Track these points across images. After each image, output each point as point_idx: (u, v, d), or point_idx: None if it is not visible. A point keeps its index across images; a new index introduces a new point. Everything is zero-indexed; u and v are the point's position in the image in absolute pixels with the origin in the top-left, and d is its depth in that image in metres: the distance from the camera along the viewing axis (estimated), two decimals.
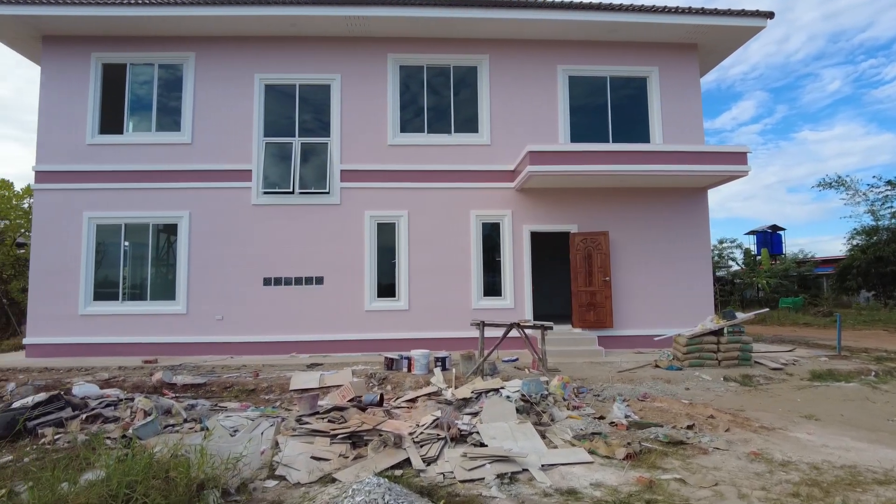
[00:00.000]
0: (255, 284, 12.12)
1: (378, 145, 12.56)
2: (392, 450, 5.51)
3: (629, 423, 6.56)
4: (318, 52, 12.65)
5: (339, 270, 12.24)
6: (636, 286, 12.38)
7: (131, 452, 4.66)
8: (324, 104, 12.72)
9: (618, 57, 13.00)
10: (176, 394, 8.47)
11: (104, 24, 12.03)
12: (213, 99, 12.52)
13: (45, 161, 12.25)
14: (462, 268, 12.33)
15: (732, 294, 27.10)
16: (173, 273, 12.24)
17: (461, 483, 4.87)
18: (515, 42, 12.86)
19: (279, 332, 11.99)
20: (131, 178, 12.24)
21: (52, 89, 12.43)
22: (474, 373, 8.72)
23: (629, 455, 5.35)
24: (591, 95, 13.08)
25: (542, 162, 11.14)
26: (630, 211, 12.58)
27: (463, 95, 12.90)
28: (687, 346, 10.04)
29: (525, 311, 12.19)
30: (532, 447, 5.64)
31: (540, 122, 12.74)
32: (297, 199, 12.34)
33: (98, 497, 3.89)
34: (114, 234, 12.28)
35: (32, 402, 6.86)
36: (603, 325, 12.06)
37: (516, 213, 12.47)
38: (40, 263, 12.07)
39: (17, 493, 4.30)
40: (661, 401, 7.72)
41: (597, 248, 12.19)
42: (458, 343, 11.65)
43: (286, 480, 5.02)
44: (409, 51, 12.72)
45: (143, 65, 12.67)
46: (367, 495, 4.07)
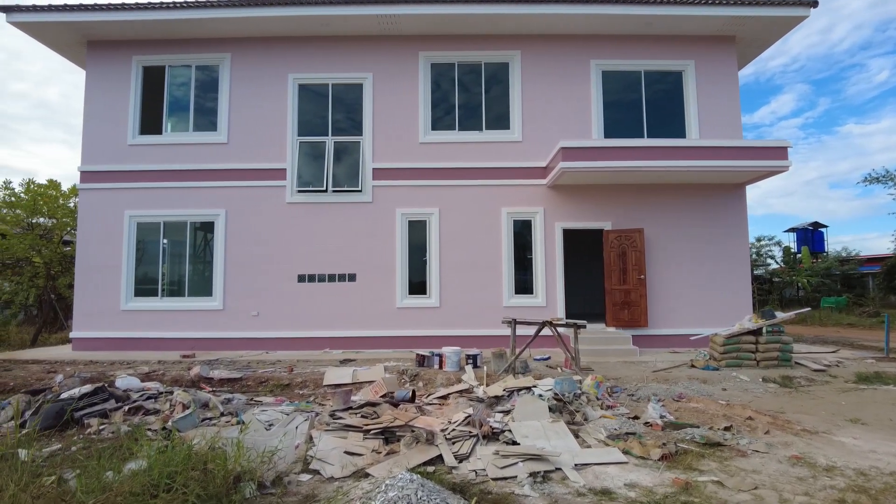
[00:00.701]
0: (290, 281, 12.31)
1: (409, 143, 12.60)
2: (424, 446, 5.53)
3: (664, 423, 6.44)
4: (350, 51, 12.76)
5: (371, 268, 12.35)
6: (672, 284, 12.15)
7: (171, 444, 4.79)
8: (356, 103, 12.82)
9: (652, 51, 12.75)
10: (213, 388, 8.67)
11: (145, 28, 12.37)
12: (248, 99, 12.75)
13: (89, 161, 12.69)
14: (493, 265, 12.29)
15: (771, 293, 26.35)
16: (210, 270, 12.53)
17: (493, 481, 4.85)
18: (548, 37, 12.74)
19: (313, 328, 12.16)
20: (170, 178, 12.57)
21: (96, 92, 12.86)
22: (506, 371, 8.69)
23: (665, 456, 5.25)
24: (625, 90, 12.87)
25: (575, 158, 11.01)
26: (665, 207, 12.34)
27: (494, 92, 12.84)
28: (724, 346, 9.80)
29: (557, 309, 12.09)
30: (565, 446, 5.59)
31: (573, 117, 12.59)
32: (331, 198, 12.48)
33: (141, 486, 4.00)
34: (153, 232, 12.63)
35: (79, 393, 7.12)
36: (637, 323, 11.88)
37: (548, 211, 12.36)
38: (85, 260, 12.51)
39: (65, 480, 4.46)
40: (698, 401, 7.56)
41: (631, 246, 11.99)
42: (489, 341, 11.63)
43: (320, 474, 5.08)
44: (441, 48, 12.73)
45: (181, 66, 12.99)
46: (399, 491, 4.08)
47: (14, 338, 16.51)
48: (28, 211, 17.38)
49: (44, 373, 9.58)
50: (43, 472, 4.73)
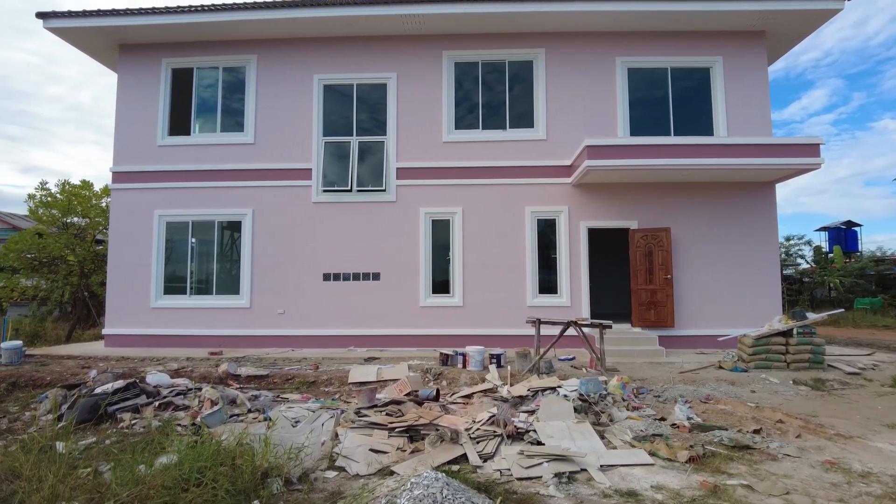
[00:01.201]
0: (315, 280, 12.45)
1: (433, 142, 12.63)
2: (449, 445, 5.54)
3: (692, 425, 6.35)
4: (374, 51, 12.83)
5: (394, 267, 12.41)
6: (699, 284, 11.95)
7: (200, 439, 4.88)
8: (380, 103, 12.89)
9: (679, 47, 12.55)
10: (240, 385, 8.81)
11: (174, 31, 12.61)
12: (274, 100, 12.92)
13: (120, 162, 12.99)
14: (517, 265, 12.24)
15: (801, 293, 25.72)
16: (237, 268, 12.73)
17: (518, 481, 4.85)
18: (573, 35, 12.64)
19: (338, 326, 12.27)
20: (198, 178, 12.80)
21: (127, 94, 13.16)
22: (530, 371, 8.65)
23: (692, 458, 5.18)
24: (650, 87, 12.70)
25: (600, 156, 10.91)
26: (693, 206, 12.15)
27: (518, 90, 12.78)
28: (753, 348, 9.61)
29: (582, 309, 11.99)
30: (590, 447, 5.56)
31: (598, 115, 12.47)
32: (355, 197, 12.58)
33: (172, 480, 4.09)
34: (182, 231, 12.88)
35: (112, 388, 7.31)
36: (664, 324, 11.72)
37: (573, 209, 12.27)
38: (116, 259, 12.82)
39: (100, 473, 4.58)
40: (726, 403, 7.43)
41: (658, 245, 11.84)
42: (513, 341, 11.60)
43: (346, 471, 5.13)
44: (464, 47, 12.72)
45: (209, 68, 13.21)
46: (425, 489, 4.10)
47: (50, 334, 17.00)
48: (63, 211, 17.88)
49: (78, 368, 9.83)
50: (79, 464, 4.86)
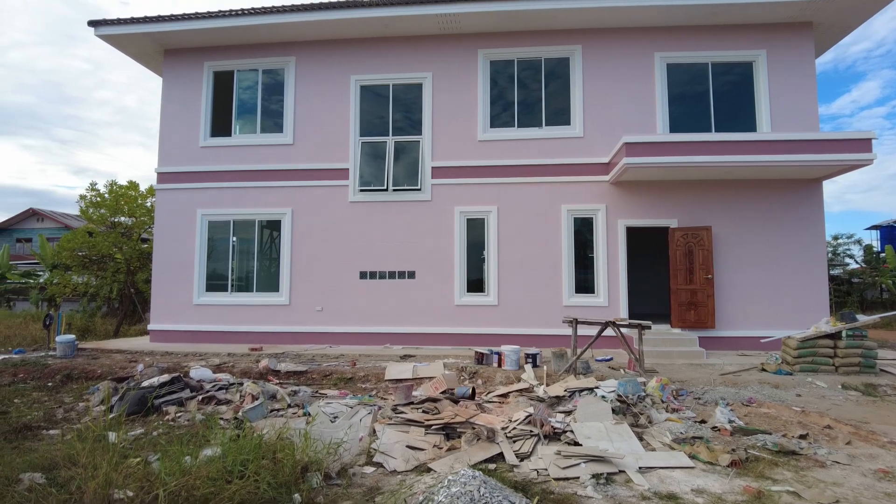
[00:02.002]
0: (352, 278, 12.61)
1: (468, 141, 12.63)
2: (485, 443, 5.55)
3: (733, 428, 6.20)
4: (410, 51, 12.92)
5: (429, 265, 12.47)
6: (741, 284, 11.64)
7: (242, 433, 5.02)
8: (415, 102, 12.97)
9: (721, 41, 12.23)
10: (280, 380, 9.00)
11: (216, 35, 12.95)
12: (312, 101, 13.13)
13: (164, 163, 13.42)
14: (553, 264, 12.15)
15: (850, 294, 24.75)
16: (277, 266, 13.01)
17: (555, 481, 4.82)
18: (610, 31, 12.45)
19: (374, 323, 12.41)
20: (239, 178, 13.12)
21: (172, 97, 13.58)
22: (567, 371, 8.58)
23: (734, 462, 5.06)
24: (690, 83, 12.41)
25: (639, 153, 10.73)
26: (735, 204, 11.83)
27: (554, 87, 12.67)
28: (798, 350, 9.30)
29: (620, 309, 11.82)
30: (629, 448, 5.49)
31: (636, 112, 12.26)
32: (391, 196, 12.69)
33: (216, 471, 4.21)
34: (223, 230, 13.23)
35: (158, 382, 7.57)
36: (704, 325, 11.46)
37: (611, 208, 12.09)
38: (161, 257, 13.26)
39: (149, 462, 4.75)
40: (769, 407, 7.23)
41: (698, 244, 11.58)
42: (548, 340, 11.52)
43: (383, 467, 5.19)
44: (500, 45, 12.68)
45: (249, 70, 13.52)
46: (462, 486, 4.12)
47: (99, 329, 17.69)
48: (111, 210, 18.56)
49: (126, 362, 10.22)
50: (129, 453, 5.06)
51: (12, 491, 4.37)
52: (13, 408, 7.60)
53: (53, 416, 7.25)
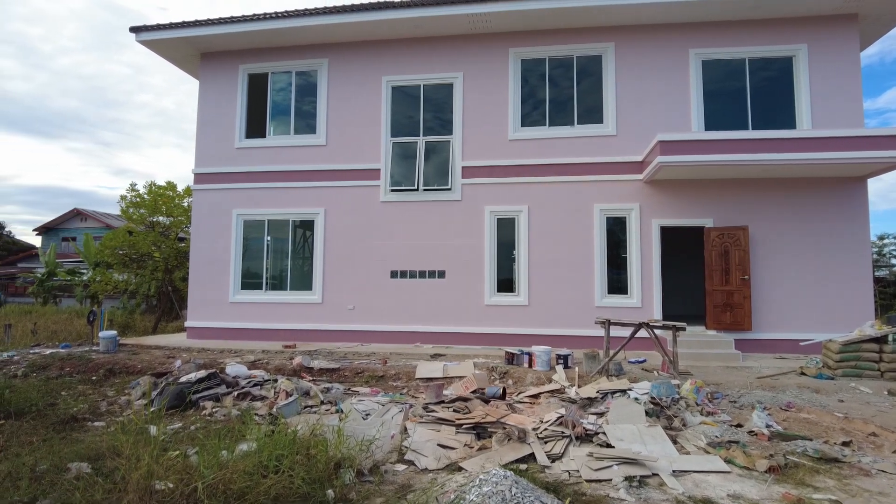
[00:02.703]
0: (383, 277, 12.72)
1: (498, 140, 12.60)
2: (516, 444, 5.54)
3: (771, 433, 6.05)
4: (441, 51, 12.95)
5: (459, 264, 12.49)
6: (779, 286, 11.33)
7: (277, 429, 5.12)
8: (446, 102, 13.00)
9: (759, 36, 11.91)
10: (313, 377, 9.14)
11: (251, 38, 13.21)
12: (345, 102, 13.28)
13: (201, 164, 13.76)
14: (584, 264, 12.03)
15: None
16: (310, 265, 13.21)
17: (587, 482, 4.79)
18: (644, 27, 12.26)
19: (404, 322, 12.49)
20: (273, 178, 13.36)
21: (208, 99, 13.91)
22: (599, 372, 8.50)
23: (772, 468, 4.94)
24: (727, 79, 12.13)
25: (673, 152, 10.54)
26: (773, 203, 11.52)
27: (585, 86, 12.54)
28: (840, 354, 9.00)
29: (654, 310, 11.64)
30: (662, 451, 5.41)
31: (670, 109, 12.05)
32: (421, 196, 12.75)
33: (252, 466, 4.31)
34: (258, 230, 13.50)
35: (195, 378, 7.77)
36: (740, 327, 11.20)
37: (644, 207, 11.91)
38: (198, 256, 13.60)
39: (188, 455, 4.88)
40: (809, 412, 7.02)
41: (735, 244, 11.32)
42: (580, 341, 11.42)
43: (415, 465, 5.23)
44: (531, 44, 12.61)
45: (282, 73, 13.75)
46: (493, 486, 4.12)
47: (138, 325, 18.26)
48: (150, 210, 19.11)
49: (164, 357, 10.52)
50: (169, 447, 5.21)
51: (62, 479, 4.56)
52: (61, 400, 7.92)
53: (98, 409, 7.53)
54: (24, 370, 9.72)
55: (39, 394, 7.79)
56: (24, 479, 4.52)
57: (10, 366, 9.94)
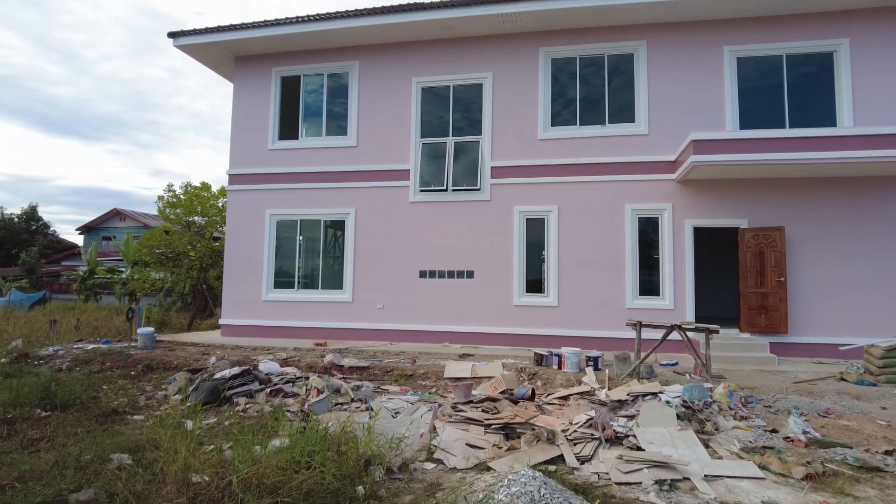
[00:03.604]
0: (412, 276, 12.80)
1: (528, 140, 12.55)
2: (545, 445, 5.53)
3: (808, 439, 5.90)
4: (470, 51, 12.97)
5: (488, 265, 12.48)
6: (817, 288, 11.01)
7: (309, 425, 5.21)
8: (475, 103, 13.01)
9: (797, 31, 11.59)
10: (343, 375, 9.26)
11: (284, 42, 13.45)
12: (375, 104, 13.41)
13: (235, 165, 14.06)
14: (615, 265, 11.89)
15: None
16: (340, 265, 13.38)
17: (617, 485, 4.76)
18: (676, 25, 12.06)
19: (433, 322, 12.55)
20: (305, 179, 13.58)
21: (242, 102, 14.22)
22: (630, 375, 8.40)
23: (810, 475, 4.83)
24: (763, 76, 11.84)
25: (707, 151, 10.34)
26: (811, 203, 11.20)
27: (617, 84, 12.40)
28: (884, 360, 8.70)
29: (686, 312, 11.43)
30: (694, 455, 5.34)
31: (704, 108, 11.82)
32: (450, 196, 12.79)
33: (285, 461, 4.41)
34: (290, 230, 13.73)
35: (229, 374, 7.95)
36: (776, 330, 10.92)
37: (677, 207, 11.71)
38: (232, 255, 13.91)
39: (222, 450, 5.02)
40: (849, 419, 6.82)
41: (770, 246, 11.05)
42: (610, 343, 11.31)
43: (443, 464, 5.27)
44: (561, 43, 12.52)
45: (314, 75, 13.96)
46: (522, 486, 4.13)
47: (174, 322, 18.75)
48: (186, 210, 19.60)
49: (199, 354, 10.78)
50: (204, 441, 5.36)
51: (105, 469, 4.74)
52: (102, 393, 8.21)
53: (137, 403, 7.78)
54: (68, 364, 10.11)
55: (82, 387, 8.11)
56: (70, 468, 4.71)
57: (56, 360, 10.34)
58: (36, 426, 6.26)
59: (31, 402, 6.96)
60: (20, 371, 9.26)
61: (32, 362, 10.24)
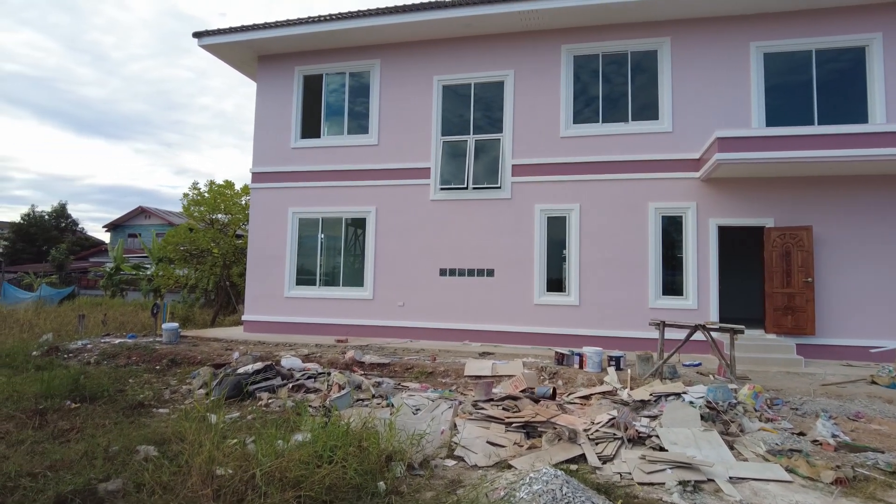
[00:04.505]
0: (432, 275, 12.82)
1: (550, 138, 12.47)
2: (567, 444, 5.50)
3: (837, 443, 5.77)
4: (492, 49, 12.92)
5: (508, 263, 12.44)
6: (847, 289, 10.76)
7: (330, 420, 5.25)
8: (496, 100, 12.96)
9: (827, 26, 11.32)
10: (364, 371, 9.31)
11: (306, 41, 13.55)
12: (396, 102, 13.45)
13: (258, 164, 14.22)
14: (638, 264, 11.76)
15: None
16: (361, 262, 13.46)
17: (639, 485, 4.71)
18: (701, 21, 11.87)
19: (452, 320, 12.55)
20: (327, 177, 13.68)
21: (265, 101, 14.37)
22: (652, 375, 8.30)
23: (839, 480, 4.72)
24: (790, 73, 11.59)
25: (732, 149, 10.17)
26: (840, 202, 10.94)
27: (640, 81, 12.25)
28: None
29: (710, 312, 11.26)
30: (718, 457, 5.26)
31: (729, 105, 11.62)
32: (471, 195, 12.77)
33: (307, 455, 4.45)
34: (312, 227, 13.84)
35: (252, 370, 8.06)
36: (802, 331, 10.70)
37: (701, 206, 11.54)
38: (255, 252, 14.08)
39: (246, 444, 5.08)
40: (881, 423, 6.64)
41: (797, 245, 10.82)
42: (632, 343, 11.19)
43: (464, 461, 5.27)
44: (584, 40, 12.41)
45: (336, 74, 14.05)
46: (544, 485, 4.12)
47: (197, 318, 19.04)
48: (210, 208, 19.89)
49: (222, 349, 10.93)
50: (228, 435, 5.43)
51: (132, 460, 4.83)
52: (129, 386, 8.37)
53: (162, 396, 7.92)
54: (95, 358, 10.33)
55: (110, 380, 8.27)
56: (98, 459, 4.82)
57: (84, 353, 10.58)
58: (66, 417, 6.41)
59: (62, 394, 7.13)
60: (51, 364, 9.51)
61: (62, 355, 10.50)
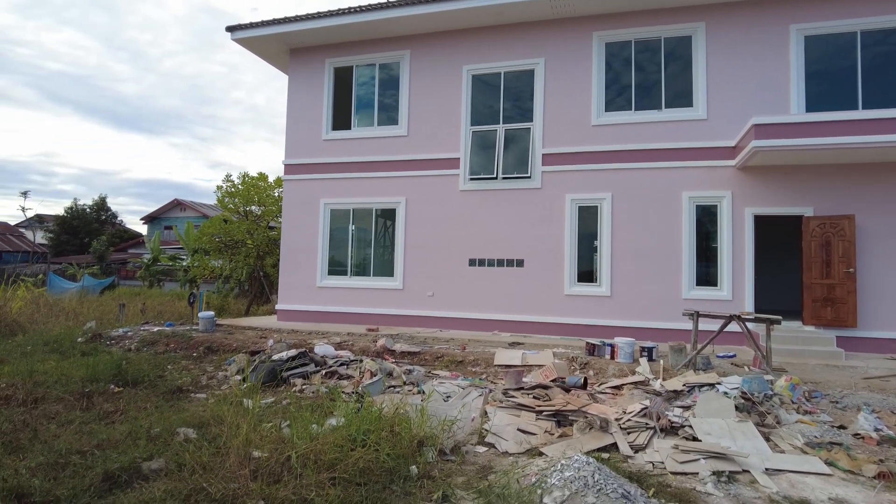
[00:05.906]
0: (462, 265, 12.85)
1: (581, 126, 12.32)
2: (598, 433, 5.49)
3: (881, 437, 5.63)
4: (522, 38, 12.81)
5: (539, 254, 12.38)
6: (892, 281, 10.40)
7: (363, 406, 5.35)
8: (526, 89, 12.86)
9: (874, 5, 10.85)
10: (395, 359, 9.41)
11: (336, 33, 13.65)
12: (426, 93, 13.46)
13: (290, 156, 14.43)
14: (671, 254, 11.57)
15: None
16: (391, 253, 13.56)
17: (672, 475, 4.68)
18: (738, 4, 11.53)
19: (483, 310, 12.57)
20: (358, 169, 13.81)
21: (297, 93, 14.54)
22: (685, 366, 8.19)
23: (882, 474, 4.61)
24: (833, 56, 11.18)
25: (770, 136, 9.89)
26: (885, 190, 10.54)
27: (674, 68, 11.99)
28: None
29: (745, 303, 11.02)
30: (753, 448, 5.19)
31: (767, 91, 11.29)
32: (500, 185, 12.72)
33: (341, 439, 4.55)
34: (343, 218, 14.01)
35: (286, 356, 8.24)
36: (843, 323, 10.40)
37: (737, 195, 11.27)
38: (288, 243, 14.32)
39: (281, 428, 5.22)
40: None
41: (838, 235, 10.50)
42: (664, 334, 11.02)
43: (495, 448, 5.31)
44: (616, 27, 12.19)
45: (366, 66, 14.12)
46: (576, 471, 4.12)
47: (232, 308, 19.49)
48: (244, 200, 20.27)
49: (257, 337, 11.18)
50: (263, 419, 5.58)
51: (173, 441, 5.01)
52: (167, 372, 8.65)
53: (199, 382, 8.16)
54: (136, 345, 10.69)
55: (150, 366, 8.57)
56: (141, 439, 5.01)
57: (125, 340, 10.95)
58: (110, 400, 6.68)
59: (106, 378, 7.44)
60: (95, 350, 9.89)
61: (105, 342, 10.89)
